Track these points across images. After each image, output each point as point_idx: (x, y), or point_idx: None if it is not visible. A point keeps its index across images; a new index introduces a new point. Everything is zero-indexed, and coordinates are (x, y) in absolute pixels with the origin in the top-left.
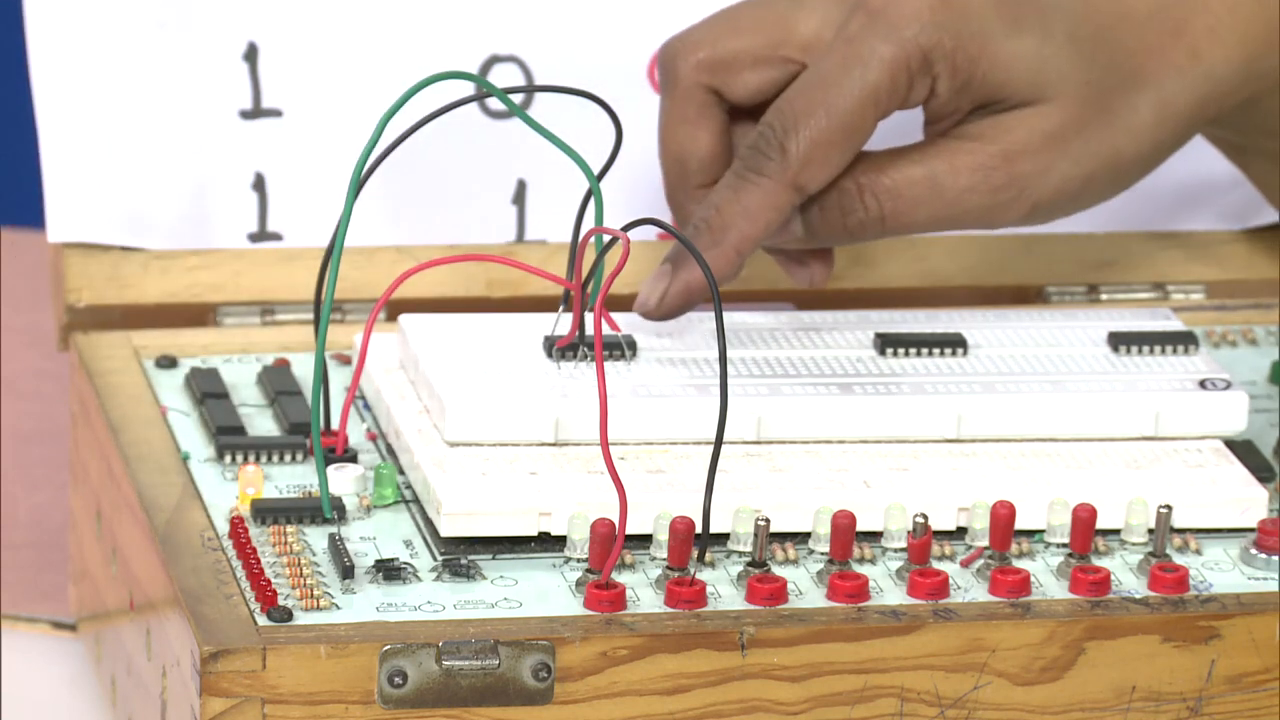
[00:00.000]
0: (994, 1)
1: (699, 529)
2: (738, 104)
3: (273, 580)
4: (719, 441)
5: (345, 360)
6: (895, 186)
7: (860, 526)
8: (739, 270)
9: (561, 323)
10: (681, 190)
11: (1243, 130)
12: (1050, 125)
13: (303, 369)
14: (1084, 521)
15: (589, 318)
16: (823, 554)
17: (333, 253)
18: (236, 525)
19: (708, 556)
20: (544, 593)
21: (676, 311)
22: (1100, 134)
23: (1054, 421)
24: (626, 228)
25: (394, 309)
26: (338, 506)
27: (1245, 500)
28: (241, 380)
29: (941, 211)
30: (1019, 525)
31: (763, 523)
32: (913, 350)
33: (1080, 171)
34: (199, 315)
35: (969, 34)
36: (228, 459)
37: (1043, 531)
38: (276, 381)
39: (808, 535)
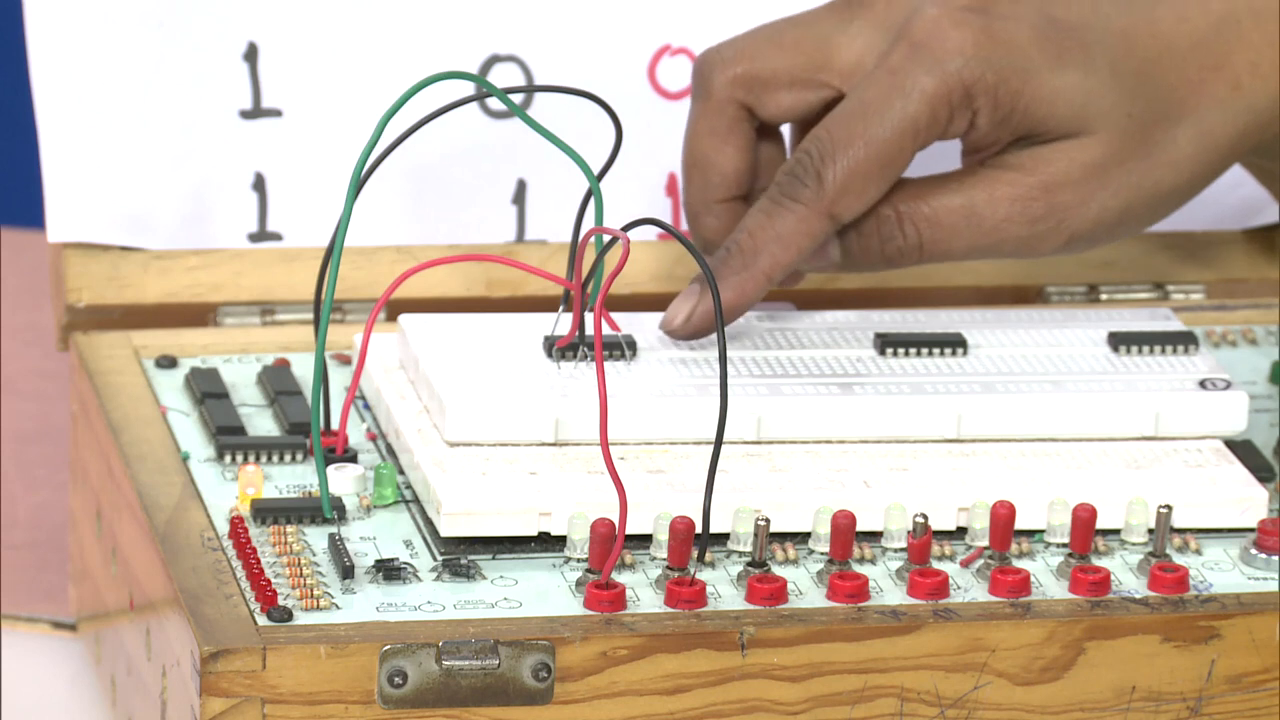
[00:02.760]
0: (1037, 35)
1: (699, 529)
2: (768, 122)
3: (273, 580)
4: (719, 441)
5: (345, 360)
6: (934, 215)
7: (860, 526)
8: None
9: (561, 323)
10: (700, 201)
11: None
12: (1091, 158)
13: (303, 369)
14: (1084, 521)
15: (589, 318)
16: (823, 554)
17: (333, 253)
18: (236, 525)
19: (708, 556)
20: (544, 593)
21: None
22: (1140, 166)
23: (1054, 421)
24: (626, 228)
25: (394, 309)
26: (338, 506)
27: (1245, 500)
28: (241, 380)
29: (980, 241)
30: (1019, 525)
31: (763, 523)
32: (913, 350)
33: (1119, 203)
34: (199, 315)
35: (1012, 69)
36: (228, 459)
37: (1043, 531)
38: (276, 381)
39: (808, 535)
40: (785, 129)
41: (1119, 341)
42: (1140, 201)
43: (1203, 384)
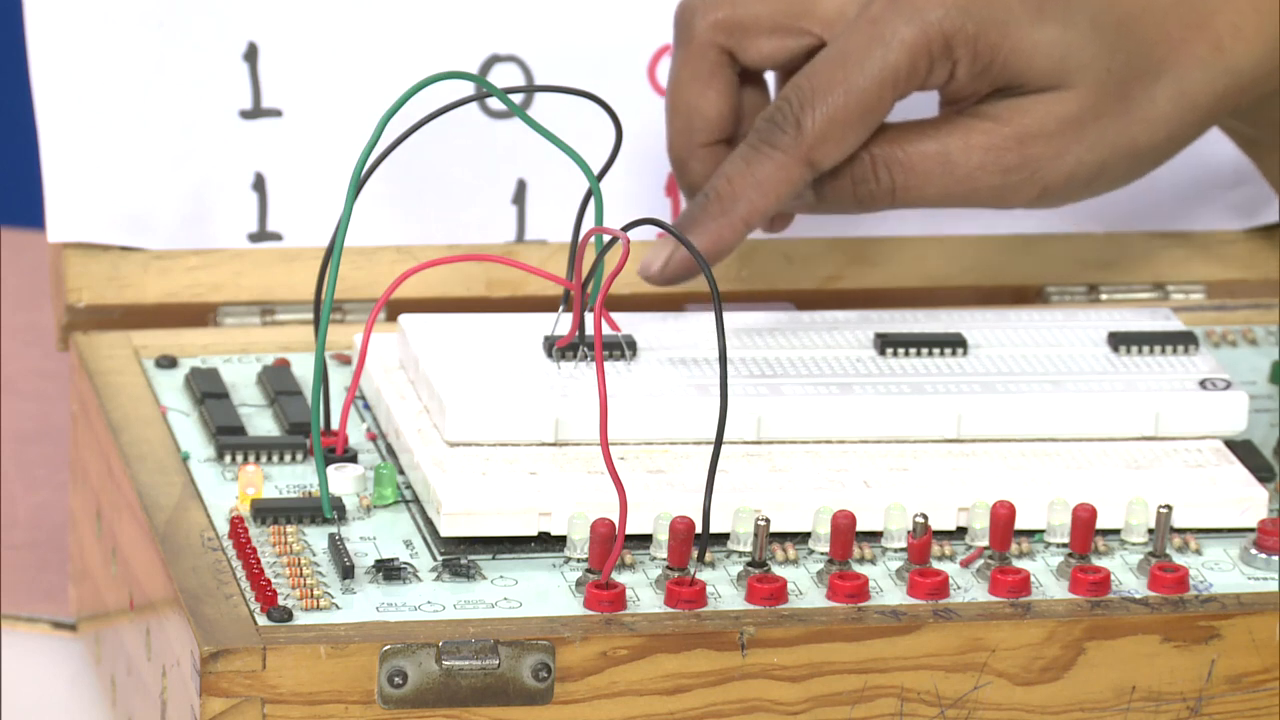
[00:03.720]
0: None
1: (699, 529)
2: (750, 68)
3: (273, 580)
4: (719, 441)
5: (345, 360)
6: (908, 160)
7: (860, 526)
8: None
9: (561, 323)
10: (685, 147)
11: (1259, 124)
12: (1067, 111)
13: (303, 369)
14: (1084, 521)
15: (589, 318)
16: (823, 554)
17: (333, 253)
18: (236, 525)
19: (708, 556)
20: (544, 593)
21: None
22: (1117, 122)
23: (1054, 421)
24: (626, 228)
25: (394, 309)
26: (338, 506)
27: (1245, 500)
28: (241, 380)
29: (952, 188)
30: (1019, 525)
31: (763, 523)
32: (913, 350)
33: (1094, 158)
34: (199, 315)
35: (992, 20)
36: (228, 459)
37: (1043, 531)
38: (276, 381)
39: (808, 535)
40: (770, 77)
41: (1119, 341)
42: (1116, 158)
43: (1203, 384)
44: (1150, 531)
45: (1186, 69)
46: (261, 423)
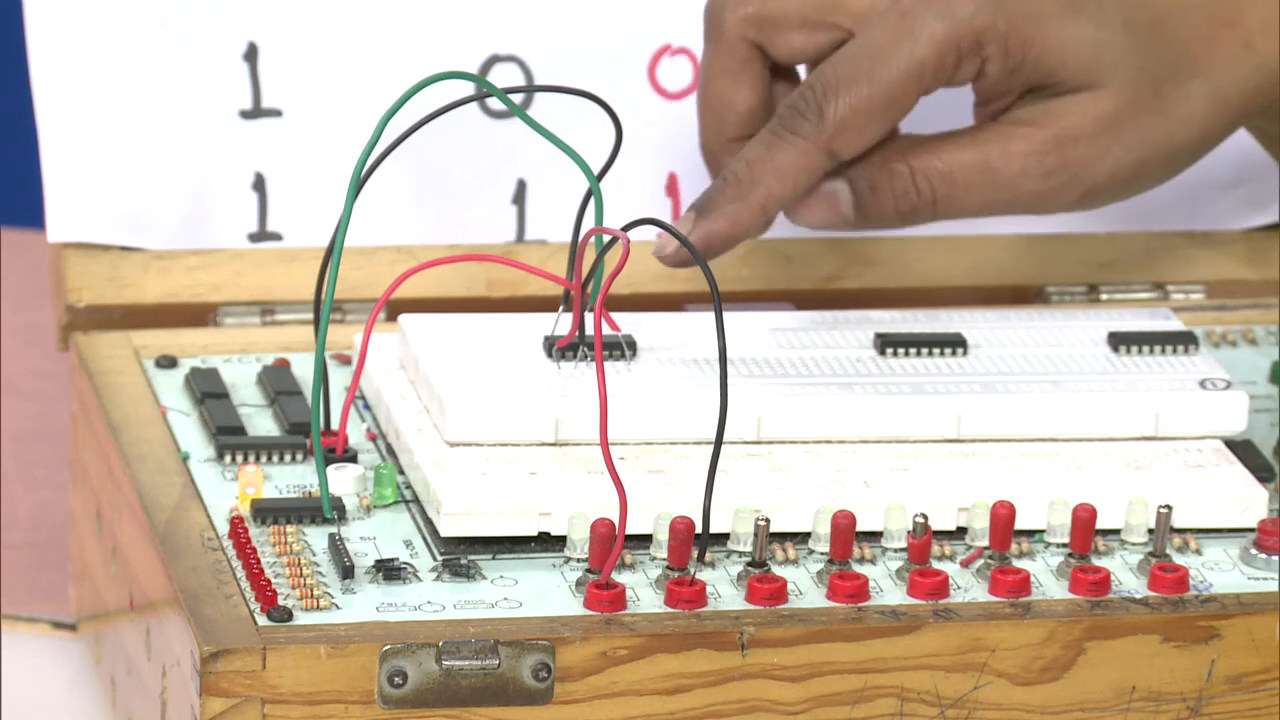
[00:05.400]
0: None
1: (699, 529)
2: (780, 62)
3: (273, 580)
4: (719, 441)
5: (345, 360)
6: (948, 171)
7: (860, 526)
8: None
9: (561, 323)
10: (716, 141)
11: None
12: (1104, 111)
13: (303, 369)
14: (1084, 521)
15: (589, 318)
16: (823, 554)
17: (333, 253)
18: (236, 525)
19: (708, 556)
20: (544, 593)
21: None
22: (1153, 120)
23: (1054, 421)
24: (626, 228)
25: (394, 309)
26: (338, 506)
27: (1245, 500)
28: (241, 380)
29: (994, 196)
30: (1019, 525)
31: (763, 523)
32: (913, 350)
33: (1133, 157)
34: (199, 315)
35: (1024, 17)
36: (228, 459)
37: (1043, 531)
38: (276, 381)
39: (808, 535)
40: (801, 70)
41: (1119, 341)
42: (1153, 156)
43: (1203, 384)
44: (1150, 531)
45: (1219, 67)
46: (261, 423)
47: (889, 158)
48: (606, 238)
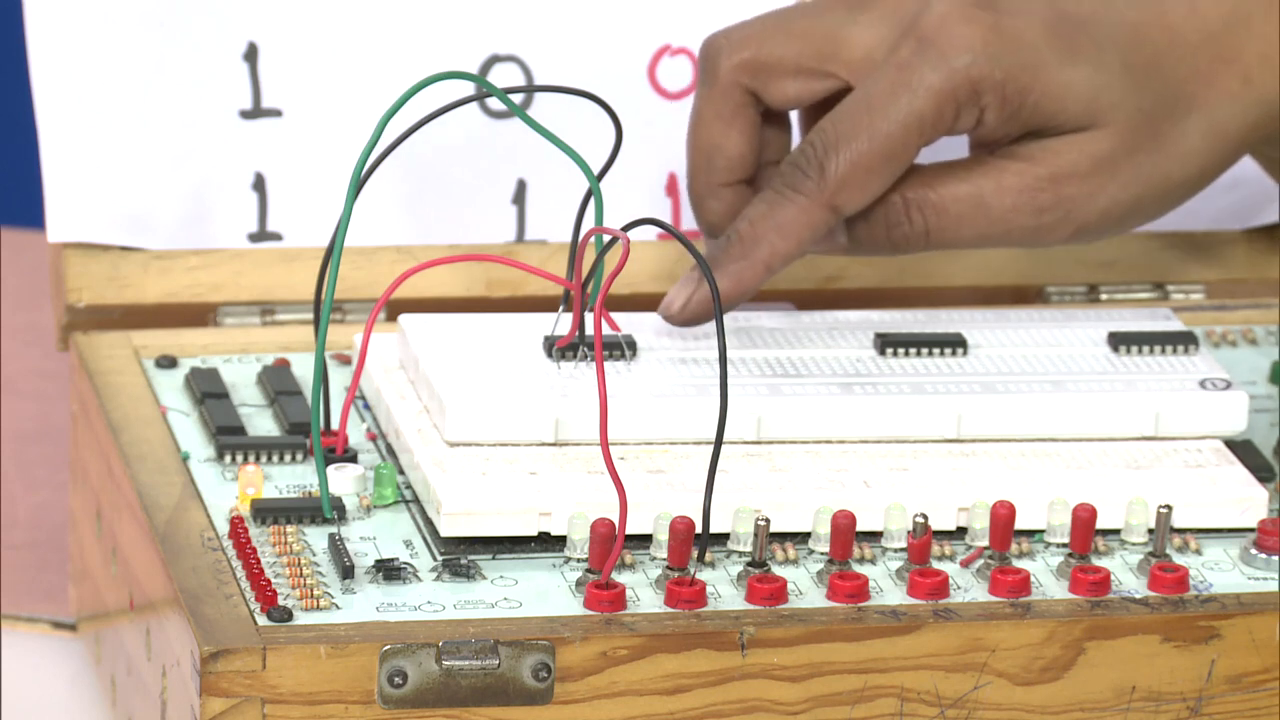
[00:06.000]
0: (1047, 30)
1: (699, 529)
2: (774, 108)
3: (273, 580)
4: (719, 441)
5: (345, 360)
6: (941, 202)
7: (860, 526)
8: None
9: (561, 323)
10: (705, 185)
11: None
12: (1100, 150)
13: (303, 369)
14: (1084, 521)
15: (589, 318)
16: (823, 554)
17: (333, 253)
18: (236, 525)
19: (708, 556)
20: (544, 593)
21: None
22: (1150, 159)
23: (1054, 421)
24: (626, 228)
25: (394, 309)
26: (338, 506)
27: (1245, 500)
28: (241, 380)
29: (986, 229)
30: (1019, 525)
31: (763, 523)
32: (913, 350)
33: (1128, 195)
34: (199, 315)
35: (1020, 65)
36: (228, 459)
37: (1043, 531)
38: (276, 381)
39: (808, 535)
40: (794, 115)
41: (1119, 341)
42: (1149, 194)
43: (1203, 384)
44: (1150, 531)
45: (1217, 103)
46: (261, 423)
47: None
48: (606, 238)
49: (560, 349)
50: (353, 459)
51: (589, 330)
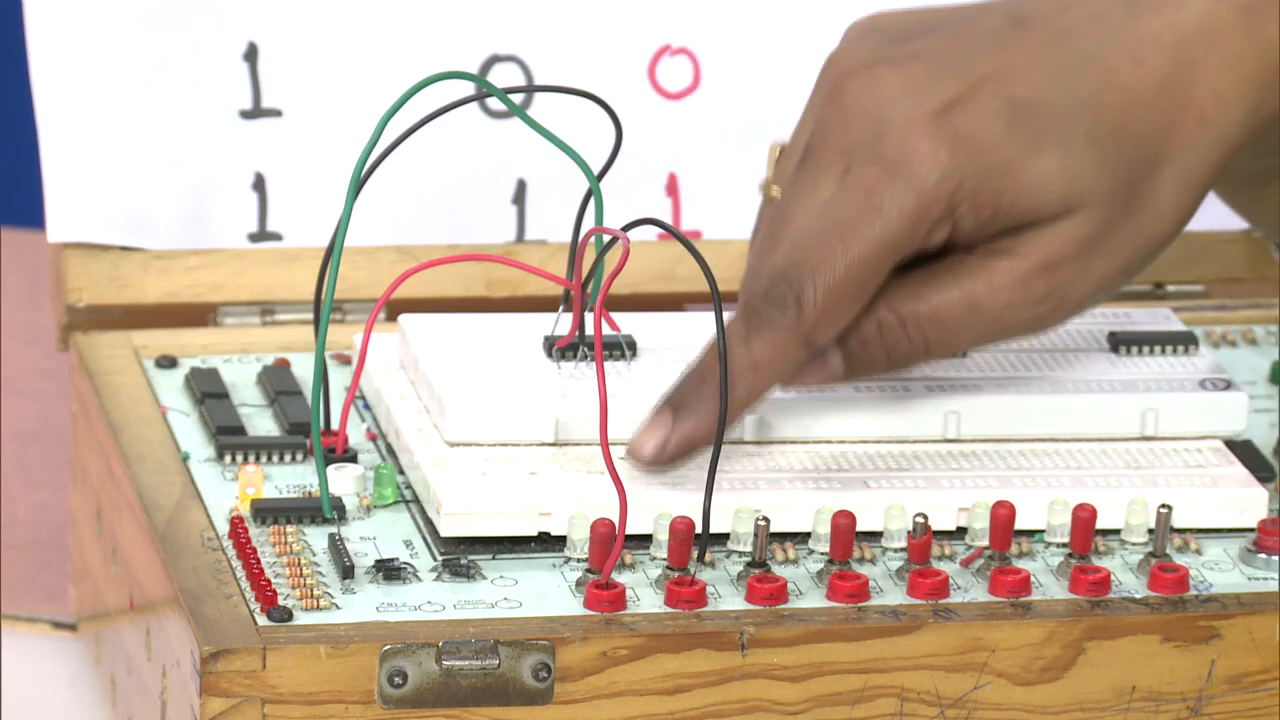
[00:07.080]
0: (1007, 123)
1: (699, 529)
2: None
3: (273, 580)
4: (719, 441)
5: (345, 360)
6: (935, 314)
7: (860, 526)
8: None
9: (561, 323)
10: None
11: (1267, 153)
12: (1084, 232)
13: (303, 369)
14: (1084, 521)
15: (589, 318)
16: (823, 554)
17: (333, 253)
18: (236, 525)
19: (708, 556)
20: (544, 593)
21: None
22: (1131, 225)
23: (1054, 421)
24: (626, 228)
25: (394, 309)
26: (338, 506)
27: (1245, 500)
28: (241, 380)
29: (985, 330)
30: (1019, 525)
31: (763, 523)
32: None
33: (1116, 266)
34: (199, 315)
35: (988, 169)
36: (228, 459)
37: (1043, 531)
38: (276, 381)
39: (808, 535)
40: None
41: (1119, 341)
42: (1135, 258)
43: (1203, 384)
44: (1150, 531)
45: (1180, 153)
46: (261, 423)
47: (874, 309)
48: (606, 238)
49: (560, 349)
50: (353, 459)
51: (589, 330)
